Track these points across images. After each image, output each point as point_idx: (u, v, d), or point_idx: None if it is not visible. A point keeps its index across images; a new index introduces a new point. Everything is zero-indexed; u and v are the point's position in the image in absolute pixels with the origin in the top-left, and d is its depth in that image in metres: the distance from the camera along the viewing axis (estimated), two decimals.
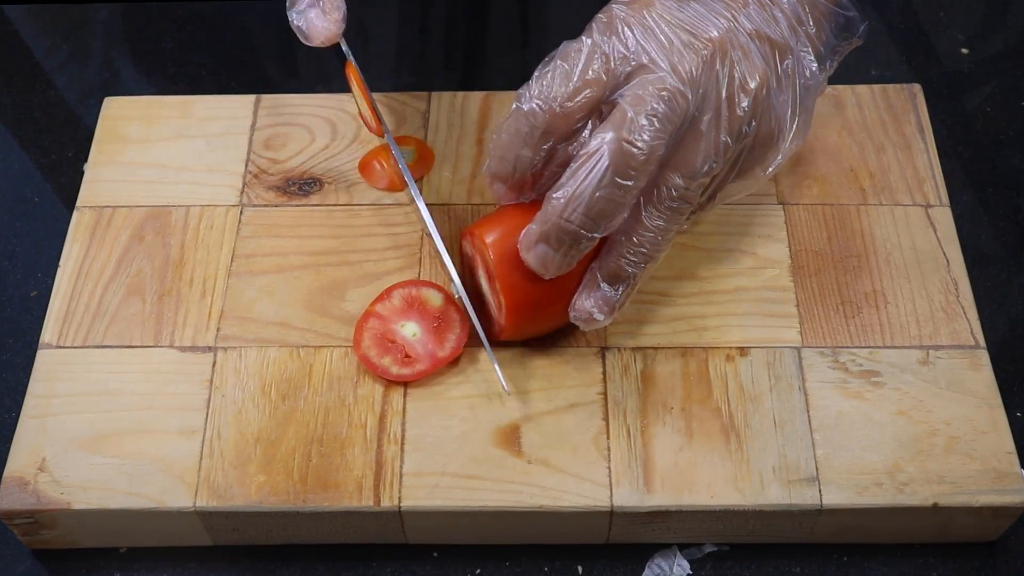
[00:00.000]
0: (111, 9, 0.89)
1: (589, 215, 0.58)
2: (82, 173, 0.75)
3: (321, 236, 0.72)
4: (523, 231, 0.61)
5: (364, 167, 0.75)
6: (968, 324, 0.68)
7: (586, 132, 0.60)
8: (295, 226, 0.72)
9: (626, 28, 0.58)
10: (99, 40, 0.88)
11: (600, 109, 0.59)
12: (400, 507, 0.62)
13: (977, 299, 0.69)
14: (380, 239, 0.71)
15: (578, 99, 0.58)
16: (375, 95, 0.78)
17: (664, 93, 0.57)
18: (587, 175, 0.57)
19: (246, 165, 0.75)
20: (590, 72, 0.58)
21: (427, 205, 0.69)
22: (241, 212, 0.73)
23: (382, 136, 0.70)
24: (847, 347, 0.67)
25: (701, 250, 0.71)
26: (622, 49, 0.58)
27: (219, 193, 0.74)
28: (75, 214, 0.73)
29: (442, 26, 0.88)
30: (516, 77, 0.85)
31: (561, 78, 0.58)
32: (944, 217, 0.72)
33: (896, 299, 0.69)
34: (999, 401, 0.65)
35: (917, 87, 0.77)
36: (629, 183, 0.57)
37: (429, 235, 0.68)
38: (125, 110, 0.77)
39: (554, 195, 0.59)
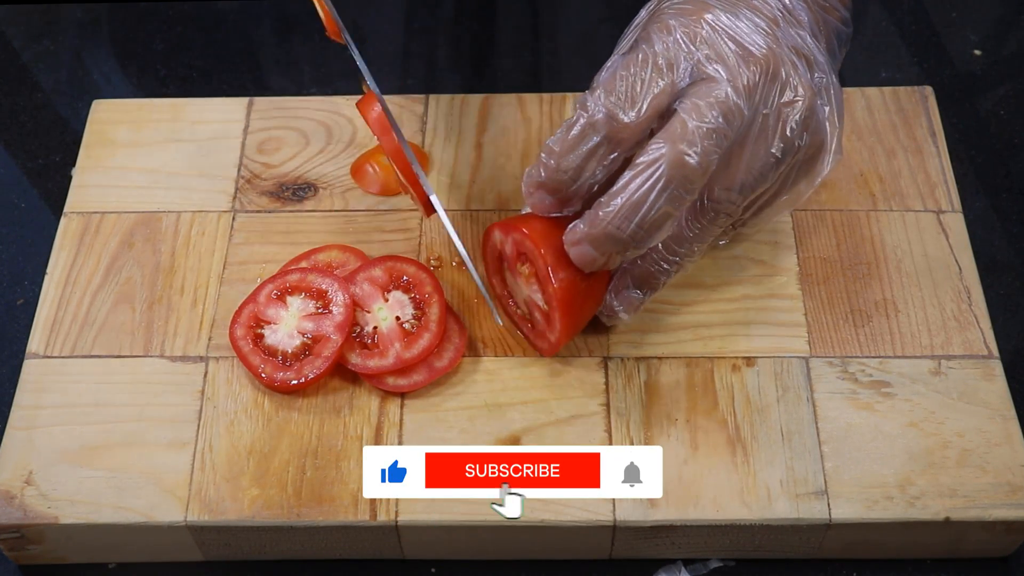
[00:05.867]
0: (100, 10, 0.89)
1: (642, 226, 0.58)
2: (70, 178, 0.75)
3: (316, 243, 0.71)
4: (569, 226, 0.60)
5: (356, 171, 0.74)
6: (981, 333, 0.67)
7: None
8: (289, 232, 0.71)
9: (686, 38, 0.58)
10: (87, 42, 0.87)
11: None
12: (397, 521, 0.61)
13: (990, 307, 0.68)
14: (376, 245, 0.71)
15: (647, 109, 0.58)
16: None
17: (723, 105, 0.57)
18: (643, 185, 0.57)
19: (238, 170, 0.74)
20: (658, 82, 0.58)
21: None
22: (233, 218, 0.72)
23: (339, 38, 0.66)
24: (856, 357, 0.66)
25: (707, 257, 0.70)
26: (684, 60, 0.58)
27: (211, 198, 0.73)
28: (63, 220, 0.72)
29: (447, 28, 0.88)
30: (522, 80, 0.84)
31: (630, 87, 0.58)
32: (956, 223, 0.71)
33: (907, 307, 0.68)
34: (1013, 412, 0.64)
35: (928, 89, 0.77)
36: (685, 196, 0.57)
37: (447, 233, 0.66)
38: (114, 113, 0.77)
39: (608, 202, 0.58)
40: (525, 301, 0.65)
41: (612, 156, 0.59)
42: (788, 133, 0.59)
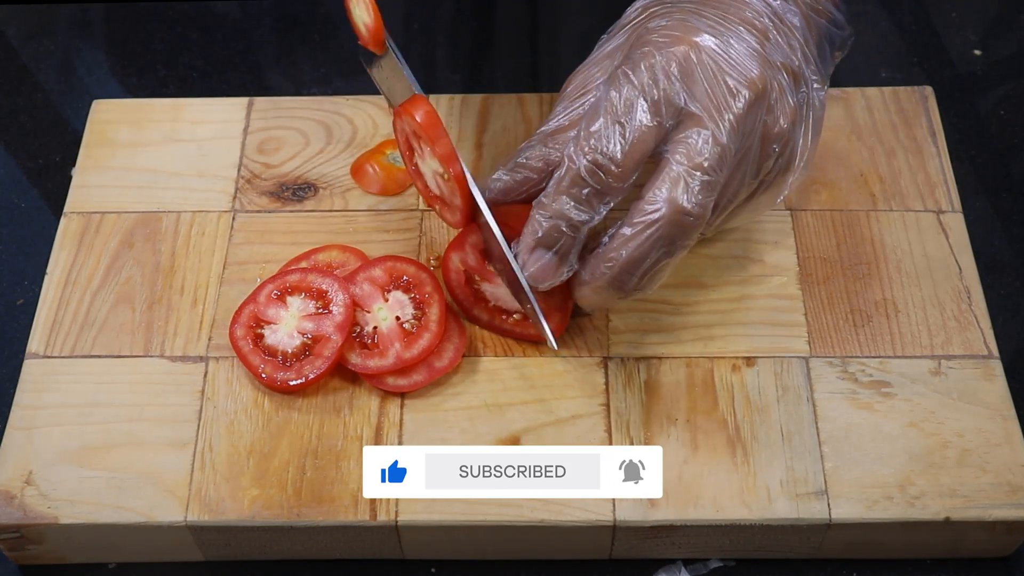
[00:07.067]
0: (99, 10, 0.88)
1: (643, 277, 0.58)
2: (70, 178, 0.74)
3: (316, 243, 0.70)
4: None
5: (357, 171, 0.73)
6: (981, 333, 0.67)
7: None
8: (289, 232, 0.71)
9: (669, 71, 0.56)
10: (87, 42, 0.87)
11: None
12: (397, 521, 0.61)
13: (990, 307, 0.68)
14: (377, 245, 0.70)
15: (634, 156, 0.56)
16: (373, 97, 0.77)
17: (716, 151, 0.56)
18: (644, 243, 0.57)
19: (238, 170, 0.74)
20: (644, 124, 0.56)
21: (423, 211, 0.68)
22: (233, 218, 0.72)
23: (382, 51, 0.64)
24: (856, 357, 0.66)
25: (706, 257, 0.70)
26: (671, 98, 0.56)
27: (211, 198, 0.73)
28: (63, 220, 0.72)
29: (446, 28, 0.87)
30: (522, 80, 0.84)
31: (614, 132, 0.56)
32: (956, 223, 0.71)
33: (907, 307, 0.68)
34: (1013, 412, 0.64)
35: (928, 89, 0.76)
36: (685, 246, 0.58)
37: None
38: (114, 113, 0.77)
39: (607, 255, 0.58)
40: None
41: (604, 204, 0.58)
42: (767, 158, 0.59)
